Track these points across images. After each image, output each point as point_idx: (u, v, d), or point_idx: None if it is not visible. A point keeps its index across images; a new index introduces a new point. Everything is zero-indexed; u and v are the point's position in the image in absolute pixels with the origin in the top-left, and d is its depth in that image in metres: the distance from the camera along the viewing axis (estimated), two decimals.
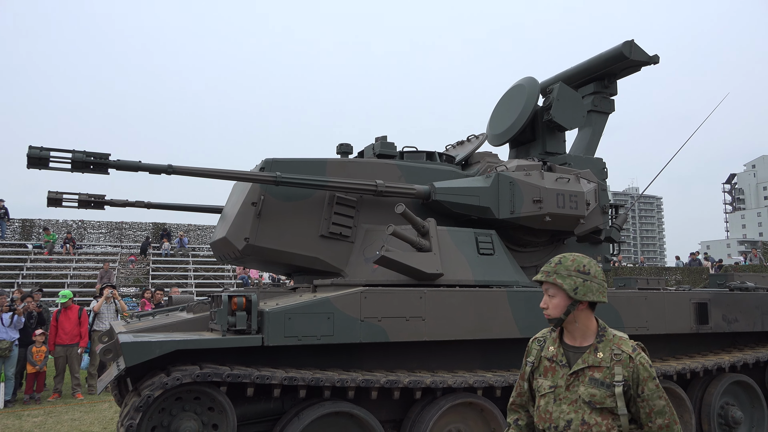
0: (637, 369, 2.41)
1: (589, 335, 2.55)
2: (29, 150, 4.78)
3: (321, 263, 5.64)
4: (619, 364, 2.41)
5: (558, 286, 2.52)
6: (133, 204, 6.50)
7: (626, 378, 2.40)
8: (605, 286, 2.56)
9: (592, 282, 2.52)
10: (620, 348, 2.46)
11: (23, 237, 25.19)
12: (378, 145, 6.39)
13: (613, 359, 2.43)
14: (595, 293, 2.52)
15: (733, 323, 6.56)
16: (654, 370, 2.45)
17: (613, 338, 2.51)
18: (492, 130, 7.83)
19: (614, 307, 5.80)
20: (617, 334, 2.55)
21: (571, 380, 2.49)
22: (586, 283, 2.51)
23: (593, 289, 2.52)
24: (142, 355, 4.06)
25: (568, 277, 2.52)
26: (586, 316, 2.56)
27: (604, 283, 2.56)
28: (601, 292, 2.54)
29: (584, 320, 2.55)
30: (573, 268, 2.53)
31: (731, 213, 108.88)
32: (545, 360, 2.62)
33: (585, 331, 2.55)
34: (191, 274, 22.99)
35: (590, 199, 6.40)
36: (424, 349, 5.25)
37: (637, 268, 26.06)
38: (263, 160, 5.64)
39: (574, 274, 2.52)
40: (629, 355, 2.43)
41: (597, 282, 2.53)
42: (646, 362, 2.43)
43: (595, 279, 2.53)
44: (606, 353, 2.46)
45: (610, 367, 2.42)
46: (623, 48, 7.47)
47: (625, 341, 2.50)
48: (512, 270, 5.87)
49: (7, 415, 9.25)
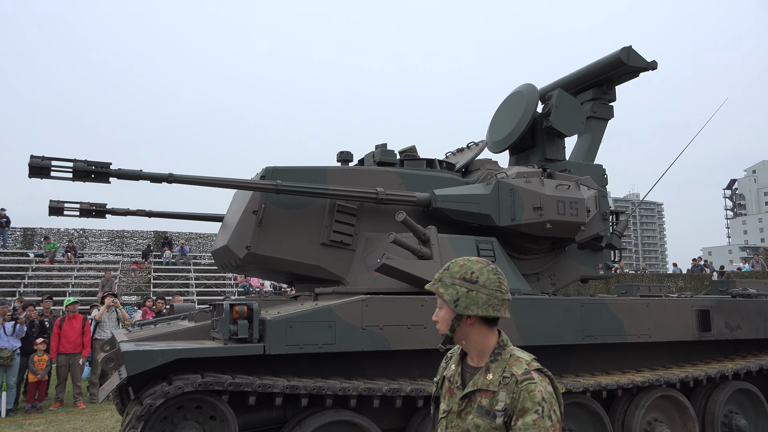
0: (519, 396, 1.97)
1: (485, 354, 2.16)
2: (31, 159, 4.79)
3: (322, 271, 5.65)
4: (505, 389, 2.01)
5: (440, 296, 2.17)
6: (134, 213, 6.51)
7: (507, 406, 1.99)
8: (500, 297, 2.13)
9: (479, 293, 2.11)
10: (511, 369, 2.04)
11: (25, 246, 25.22)
12: (378, 152, 6.40)
13: (501, 383, 2.04)
14: (482, 306, 2.10)
15: (736, 330, 6.55)
16: (548, 405, 1.96)
17: (510, 358, 2.10)
18: (491, 137, 7.84)
19: (616, 314, 5.79)
20: (516, 353, 2.13)
21: (463, 405, 2.13)
22: (470, 294, 2.11)
23: (479, 301, 2.10)
24: (144, 364, 4.06)
25: (451, 285, 2.14)
26: (479, 332, 2.16)
27: (500, 294, 2.13)
28: (492, 305, 2.11)
29: (477, 337, 2.16)
30: (458, 276, 2.15)
31: (732, 219, 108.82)
32: (447, 380, 2.28)
33: (480, 349, 2.17)
34: (192, 282, 22.99)
35: (591, 205, 6.40)
36: (426, 357, 5.23)
37: (639, 275, 26.03)
38: (264, 168, 5.66)
39: (458, 282, 2.13)
40: (516, 378, 2.00)
41: (486, 293, 2.11)
42: (535, 390, 1.96)
43: (483, 289, 2.11)
44: (496, 375, 2.07)
45: (496, 392, 2.03)
46: (621, 54, 7.49)
47: (520, 363, 2.06)
48: (513, 277, 5.87)
49: (9, 424, 9.23)
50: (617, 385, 5.56)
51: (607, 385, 5.50)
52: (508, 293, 2.16)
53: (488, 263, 2.20)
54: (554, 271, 6.98)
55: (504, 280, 2.16)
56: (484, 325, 2.15)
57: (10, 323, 10.07)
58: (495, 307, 2.12)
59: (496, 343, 2.16)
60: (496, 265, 2.19)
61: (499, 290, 2.13)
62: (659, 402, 5.98)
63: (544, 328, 5.39)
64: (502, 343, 2.16)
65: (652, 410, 5.92)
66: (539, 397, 1.95)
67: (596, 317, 5.68)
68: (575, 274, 7.20)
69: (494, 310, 2.12)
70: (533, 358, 2.11)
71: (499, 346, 2.15)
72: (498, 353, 2.13)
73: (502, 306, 2.13)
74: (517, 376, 2.00)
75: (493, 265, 2.19)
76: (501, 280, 2.16)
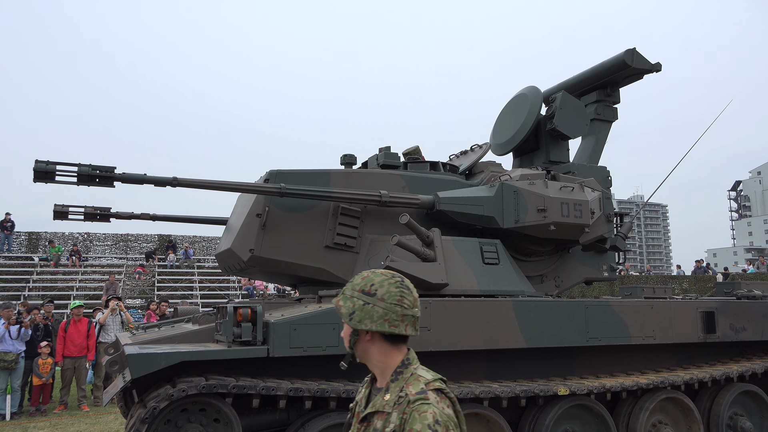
0: (410, 416, 1.77)
1: (387, 374, 1.96)
2: (36, 164, 4.82)
3: (326, 274, 5.65)
4: (397, 410, 1.82)
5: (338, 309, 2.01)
6: (138, 216, 6.53)
7: (396, 428, 1.80)
8: (400, 312, 1.92)
9: (375, 306, 1.91)
10: (407, 389, 1.84)
11: (29, 249, 25.28)
12: (382, 155, 6.41)
13: (396, 403, 1.84)
14: (376, 321, 1.90)
15: (741, 332, 6.52)
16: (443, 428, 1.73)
17: (410, 377, 1.89)
18: (495, 139, 7.84)
19: (620, 316, 5.78)
20: (418, 372, 1.92)
21: (362, 429, 1.97)
22: (366, 308, 1.92)
23: (374, 315, 1.91)
24: (148, 367, 4.07)
25: (350, 298, 1.97)
26: (381, 350, 1.96)
27: (399, 309, 1.92)
28: (389, 320, 1.91)
29: (377, 356, 1.97)
30: (359, 288, 1.97)
31: (737, 220, 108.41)
32: (357, 404, 2.12)
33: (382, 368, 1.97)
34: (196, 285, 23.01)
35: (595, 207, 6.39)
36: (430, 359, 5.21)
37: (643, 277, 25.95)
38: (268, 171, 5.67)
39: (357, 295, 1.96)
40: (409, 398, 1.80)
41: (383, 306, 1.91)
42: (427, 412, 1.74)
43: (381, 303, 1.91)
44: (393, 395, 1.88)
45: (390, 413, 1.84)
46: (625, 56, 7.49)
47: (418, 382, 1.86)
48: (517, 279, 5.87)
49: (14, 427, 9.25)
50: (621, 387, 5.54)
51: (612, 387, 5.48)
52: (412, 309, 1.95)
53: (395, 276, 1.99)
54: (558, 273, 6.97)
55: (408, 294, 1.95)
56: (386, 342, 1.95)
57: (15, 327, 10.10)
58: (392, 322, 1.91)
59: (400, 362, 1.95)
60: (405, 280, 1.99)
61: (399, 304, 1.92)
62: (664, 404, 5.96)
63: (548, 330, 5.38)
64: (406, 361, 1.95)
65: (656, 412, 5.90)
66: (431, 420, 1.73)
67: (600, 319, 5.67)
68: (579, 276, 7.18)
69: (391, 326, 1.91)
70: (437, 378, 1.90)
71: (402, 365, 1.94)
72: (399, 372, 1.93)
73: (401, 322, 1.92)
74: (410, 395, 1.81)
75: (399, 278, 1.99)
76: (404, 294, 1.94)
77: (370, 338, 1.96)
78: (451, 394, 1.88)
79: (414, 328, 1.97)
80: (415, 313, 1.97)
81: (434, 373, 1.94)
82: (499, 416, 5.09)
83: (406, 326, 1.94)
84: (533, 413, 5.35)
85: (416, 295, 2.00)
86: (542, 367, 5.78)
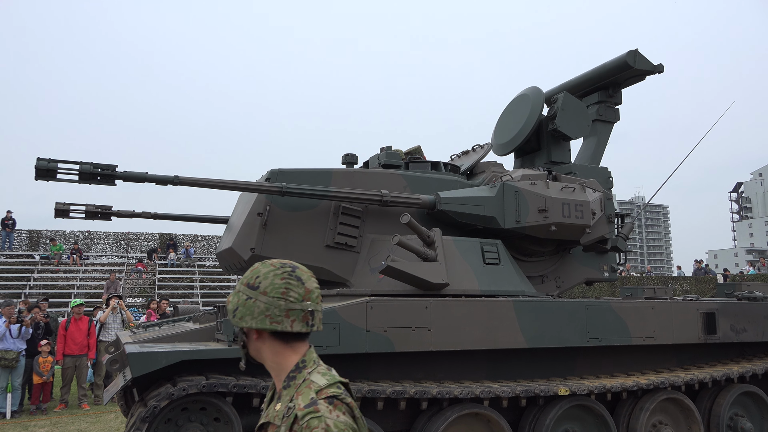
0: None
1: (282, 377, 1.77)
2: (37, 162, 4.82)
3: (327, 273, 5.65)
4: (286, 423, 1.61)
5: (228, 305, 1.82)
6: (139, 215, 6.54)
7: None
8: (284, 307, 1.71)
9: (257, 301, 1.71)
10: (297, 400, 1.63)
11: (30, 248, 25.31)
12: (383, 155, 6.42)
13: (285, 415, 1.63)
14: (257, 317, 1.70)
15: (742, 333, 6.52)
16: None
17: (302, 384, 1.68)
18: (497, 139, 7.84)
19: (621, 317, 5.78)
20: (312, 377, 1.70)
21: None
22: (248, 303, 1.72)
23: (255, 310, 1.71)
24: (149, 366, 4.07)
25: (237, 293, 1.78)
26: (272, 350, 1.76)
27: (283, 303, 1.71)
28: (270, 316, 1.70)
29: (270, 356, 1.77)
30: (245, 281, 1.77)
31: (738, 222, 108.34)
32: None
33: (277, 371, 1.77)
34: (197, 284, 23.02)
35: (596, 208, 6.39)
36: (430, 359, 5.24)
37: (644, 278, 25.93)
38: (269, 170, 5.67)
39: (242, 289, 1.76)
40: (296, 413, 1.58)
41: (265, 301, 1.70)
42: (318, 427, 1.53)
43: (262, 297, 1.71)
44: (283, 405, 1.67)
45: (280, 426, 1.64)
46: (627, 57, 7.49)
47: (309, 391, 1.64)
48: (518, 279, 5.87)
49: (14, 425, 9.26)
50: (622, 388, 5.54)
51: (612, 388, 5.48)
52: (301, 302, 1.73)
53: (285, 266, 1.78)
54: (559, 274, 6.97)
55: (297, 286, 1.74)
56: (277, 340, 1.75)
57: (15, 325, 10.11)
58: (275, 318, 1.70)
59: (294, 366, 1.74)
60: (298, 270, 1.78)
61: (283, 298, 1.71)
62: (664, 405, 5.96)
63: (548, 331, 5.38)
64: (301, 364, 1.74)
65: (656, 413, 5.90)
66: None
67: (601, 319, 5.67)
68: (580, 277, 7.19)
69: (273, 322, 1.70)
70: (331, 382, 1.68)
71: (295, 369, 1.73)
72: (292, 377, 1.72)
73: (286, 318, 1.70)
74: (298, 410, 1.58)
75: (290, 268, 1.78)
76: (290, 286, 1.73)
77: (258, 336, 1.77)
78: (348, 398, 1.67)
79: (306, 323, 1.74)
80: (306, 306, 1.74)
81: (332, 376, 1.73)
82: (500, 416, 5.10)
83: (293, 322, 1.72)
84: (533, 413, 5.36)
85: (311, 286, 1.77)
86: (543, 367, 5.78)
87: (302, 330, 1.74)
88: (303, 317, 1.74)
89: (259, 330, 1.74)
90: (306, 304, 1.75)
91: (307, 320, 1.75)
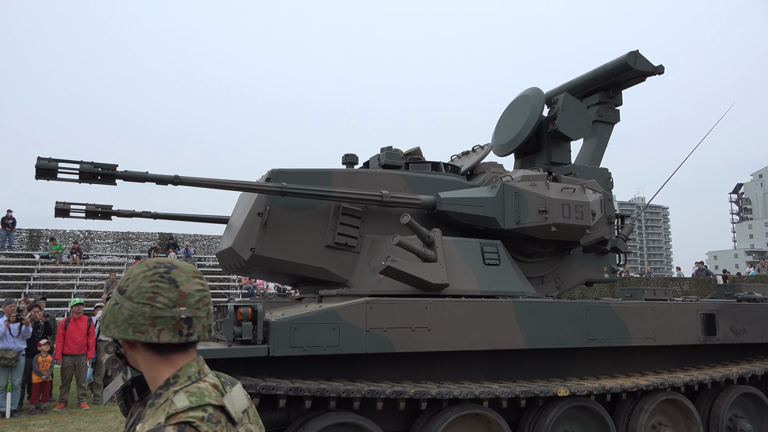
0: None
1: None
2: (38, 161, 4.82)
3: (327, 273, 5.65)
4: None
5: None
6: (139, 214, 6.54)
7: None
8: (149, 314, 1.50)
9: (122, 307, 1.52)
10: (146, 422, 1.42)
11: (30, 247, 25.32)
12: (383, 155, 6.42)
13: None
14: (120, 326, 1.51)
15: (741, 334, 6.52)
16: None
17: (163, 403, 1.46)
18: (497, 140, 7.84)
19: (621, 317, 5.78)
20: (173, 398, 1.46)
21: None
22: (114, 309, 1.54)
23: (119, 318, 1.51)
24: None
25: (111, 298, 1.59)
26: (146, 362, 1.57)
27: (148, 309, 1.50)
28: (134, 324, 1.49)
29: (145, 368, 1.58)
30: (119, 284, 1.58)
31: (738, 223, 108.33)
32: None
33: (153, 385, 1.57)
34: None
35: (596, 209, 6.40)
36: (430, 359, 5.24)
37: (644, 279, 25.93)
38: (269, 170, 5.67)
39: (115, 294, 1.57)
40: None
41: (129, 307, 1.51)
42: None
43: (127, 302, 1.51)
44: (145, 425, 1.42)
45: None
46: (628, 58, 7.49)
47: (160, 414, 1.41)
48: (518, 280, 5.87)
49: (14, 424, 9.26)
50: (621, 389, 5.54)
51: (612, 389, 5.48)
52: (172, 308, 1.51)
53: (159, 267, 1.56)
54: (559, 274, 6.97)
55: (167, 290, 1.52)
56: (150, 351, 1.55)
57: (15, 324, 10.11)
58: (138, 327, 1.49)
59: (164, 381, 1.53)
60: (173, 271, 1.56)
61: (149, 304, 1.50)
62: (663, 406, 5.96)
63: (548, 331, 5.38)
64: (172, 380, 1.52)
65: (656, 414, 5.90)
66: None
67: (601, 320, 5.67)
68: (580, 278, 7.19)
69: (136, 332, 1.49)
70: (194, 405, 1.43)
71: (165, 384, 1.52)
72: (159, 394, 1.51)
73: (151, 327, 1.49)
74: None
75: (165, 268, 1.56)
76: (159, 291, 1.51)
77: (130, 346, 1.57)
78: (203, 427, 1.39)
79: (179, 333, 1.52)
80: (177, 313, 1.51)
81: (201, 396, 1.47)
82: (499, 417, 5.10)
83: (161, 331, 1.50)
84: (533, 414, 5.36)
85: (188, 290, 1.55)
86: (542, 368, 5.78)
87: (172, 341, 1.51)
88: (174, 326, 1.52)
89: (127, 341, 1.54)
90: (178, 310, 1.52)
91: (180, 329, 1.52)
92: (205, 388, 1.52)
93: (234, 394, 1.58)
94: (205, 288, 1.60)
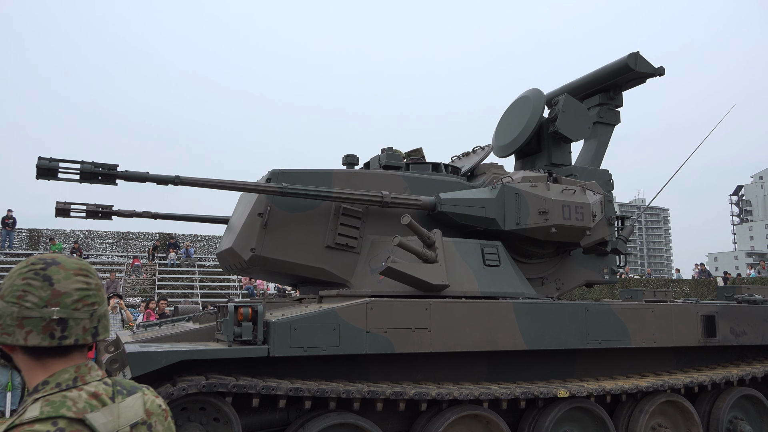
0: None
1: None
2: (38, 161, 4.83)
3: (327, 274, 5.65)
4: None
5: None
6: (140, 214, 6.55)
7: None
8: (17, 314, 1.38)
9: None
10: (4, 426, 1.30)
11: (30, 247, 25.31)
12: (384, 156, 6.42)
13: None
14: None
15: (741, 336, 6.52)
16: None
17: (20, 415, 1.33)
18: (497, 141, 7.85)
19: (621, 319, 5.78)
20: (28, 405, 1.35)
21: None
22: None
23: None
24: (149, 365, 4.08)
25: None
26: (23, 365, 1.45)
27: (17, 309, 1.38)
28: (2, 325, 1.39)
29: (23, 372, 1.46)
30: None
31: (739, 225, 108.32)
32: None
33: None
34: (197, 284, 23.02)
35: (596, 210, 6.40)
36: (430, 360, 5.24)
37: (644, 280, 25.93)
38: (270, 171, 5.68)
39: None
40: None
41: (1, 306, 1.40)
42: None
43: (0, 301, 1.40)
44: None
45: None
46: (628, 60, 7.49)
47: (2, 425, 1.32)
48: (518, 281, 5.87)
49: None
50: (621, 390, 5.54)
51: (611, 390, 5.48)
52: (43, 308, 1.38)
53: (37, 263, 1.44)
54: (559, 276, 6.97)
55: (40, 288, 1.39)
56: (26, 355, 1.42)
57: None
58: (6, 328, 1.37)
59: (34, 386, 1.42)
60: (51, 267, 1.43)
61: (17, 303, 1.38)
62: (663, 407, 5.96)
63: (548, 333, 5.38)
64: (40, 386, 1.39)
65: (656, 415, 5.90)
66: None
67: (601, 322, 5.67)
68: (580, 279, 7.19)
69: (3, 333, 1.38)
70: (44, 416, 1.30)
71: (33, 391, 1.39)
72: (24, 401, 1.40)
73: (19, 328, 1.37)
74: None
75: (41, 266, 1.43)
76: (30, 289, 1.39)
77: (10, 349, 1.44)
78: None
79: (50, 335, 1.38)
80: (48, 314, 1.38)
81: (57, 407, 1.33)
82: (499, 418, 5.10)
83: (28, 333, 1.37)
84: (533, 415, 5.36)
85: (65, 288, 1.41)
86: (542, 369, 5.78)
87: (42, 344, 1.38)
88: (44, 327, 1.38)
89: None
90: (49, 310, 1.38)
91: (51, 331, 1.39)
92: (73, 397, 1.37)
93: (124, 404, 1.44)
94: (90, 286, 1.46)
